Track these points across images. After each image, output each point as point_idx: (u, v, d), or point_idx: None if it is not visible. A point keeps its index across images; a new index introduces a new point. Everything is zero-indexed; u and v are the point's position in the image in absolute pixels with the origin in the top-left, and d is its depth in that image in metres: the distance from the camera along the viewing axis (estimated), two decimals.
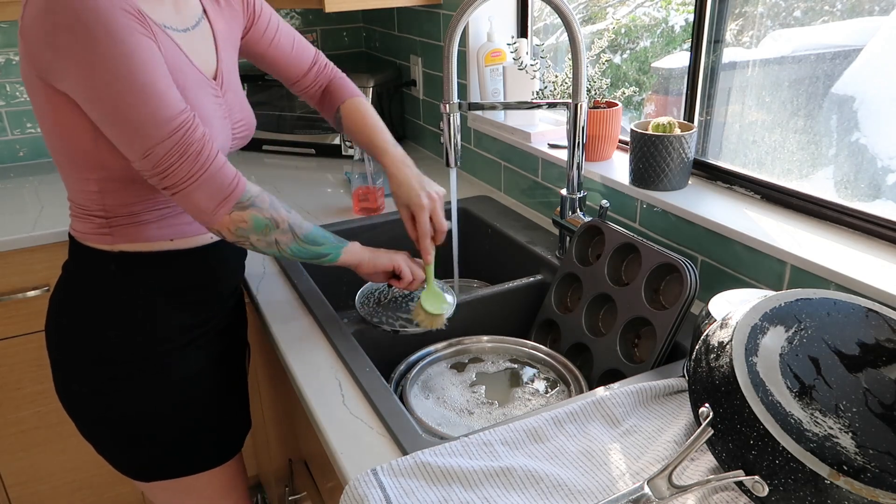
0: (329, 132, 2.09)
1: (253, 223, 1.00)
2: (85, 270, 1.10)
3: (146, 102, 0.90)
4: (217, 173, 0.96)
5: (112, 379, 1.10)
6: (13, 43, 2.00)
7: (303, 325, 1.20)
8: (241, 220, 0.99)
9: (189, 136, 0.93)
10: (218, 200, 0.96)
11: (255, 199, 1.00)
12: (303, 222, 1.07)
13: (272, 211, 1.02)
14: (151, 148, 0.91)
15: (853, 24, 1.12)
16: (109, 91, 0.89)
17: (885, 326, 0.82)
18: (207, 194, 0.95)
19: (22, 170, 2.04)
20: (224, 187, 0.97)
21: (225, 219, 0.98)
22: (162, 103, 0.91)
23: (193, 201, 0.96)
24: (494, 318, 1.32)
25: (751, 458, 0.72)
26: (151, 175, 0.94)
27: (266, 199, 1.02)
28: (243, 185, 0.99)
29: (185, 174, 0.93)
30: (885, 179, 1.10)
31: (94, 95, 0.90)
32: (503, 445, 0.87)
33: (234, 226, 0.99)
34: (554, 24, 1.77)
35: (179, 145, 0.92)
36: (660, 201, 1.27)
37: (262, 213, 1.00)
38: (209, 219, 0.98)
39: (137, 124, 0.90)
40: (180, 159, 0.92)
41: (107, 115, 0.91)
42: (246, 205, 0.98)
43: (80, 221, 1.07)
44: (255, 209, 0.99)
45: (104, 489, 1.89)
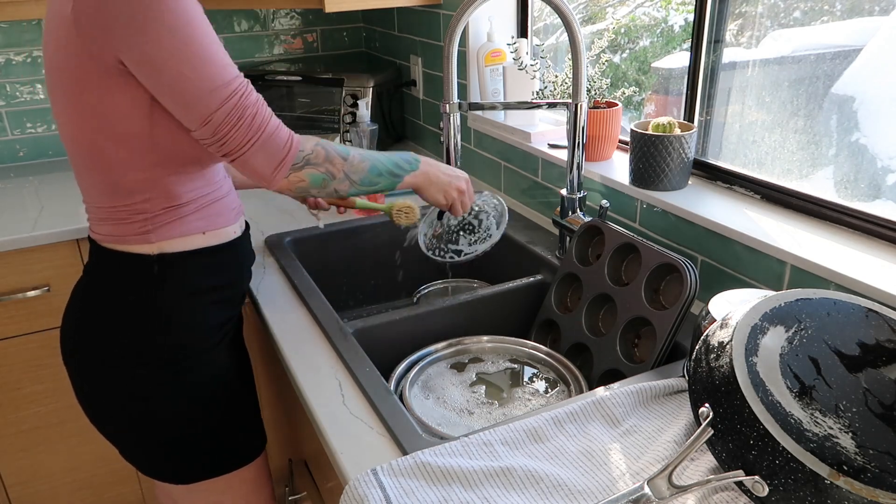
0: (329, 132, 2.09)
1: (311, 181, 1.03)
2: (121, 275, 1.09)
3: (205, 68, 0.92)
4: (272, 136, 0.98)
5: (150, 382, 1.10)
6: (13, 43, 2.00)
7: (303, 324, 1.20)
8: (300, 180, 1.02)
9: (244, 100, 0.96)
10: (275, 164, 0.99)
11: (309, 157, 1.02)
12: (359, 164, 1.08)
13: (327, 164, 1.04)
14: (211, 114, 0.94)
15: (853, 24, 1.12)
16: (173, 58, 0.91)
17: (885, 326, 0.82)
18: (265, 158, 0.98)
19: (22, 170, 2.04)
20: (279, 150, 0.99)
21: (283, 182, 1.01)
22: (219, 68, 0.94)
23: (252, 166, 0.98)
24: (494, 318, 1.32)
25: (751, 458, 0.72)
26: (211, 142, 0.97)
27: (321, 153, 1.04)
28: (297, 145, 1.01)
29: (243, 139, 0.96)
30: (885, 179, 1.10)
31: (156, 63, 0.91)
32: (503, 445, 0.87)
33: (294, 186, 1.03)
34: (554, 24, 1.77)
35: (236, 110, 0.95)
36: (660, 201, 1.27)
37: (318, 169, 1.03)
38: (269, 182, 1.01)
39: (199, 91, 0.93)
40: (238, 124, 0.95)
41: (169, 84, 0.92)
42: (301, 165, 1.01)
43: (114, 225, 1.06)
44: (310, 167, 1.02)
45: (104, 489, 1.89)
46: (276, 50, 2.35)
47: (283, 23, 2.33)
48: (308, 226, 1.59)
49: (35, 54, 2.03)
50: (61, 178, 1.97)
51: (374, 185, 1.11)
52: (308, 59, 2.38)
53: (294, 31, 2.35)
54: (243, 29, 2.28)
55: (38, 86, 2.06)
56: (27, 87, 2.05)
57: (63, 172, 2.01)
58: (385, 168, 1.11)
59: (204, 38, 0.93)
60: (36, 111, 2.08)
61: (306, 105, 2.11)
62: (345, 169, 1.06)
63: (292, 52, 2.38)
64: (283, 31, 2.34)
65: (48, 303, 1.66)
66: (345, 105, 2.05)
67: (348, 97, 2.04)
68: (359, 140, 1.75)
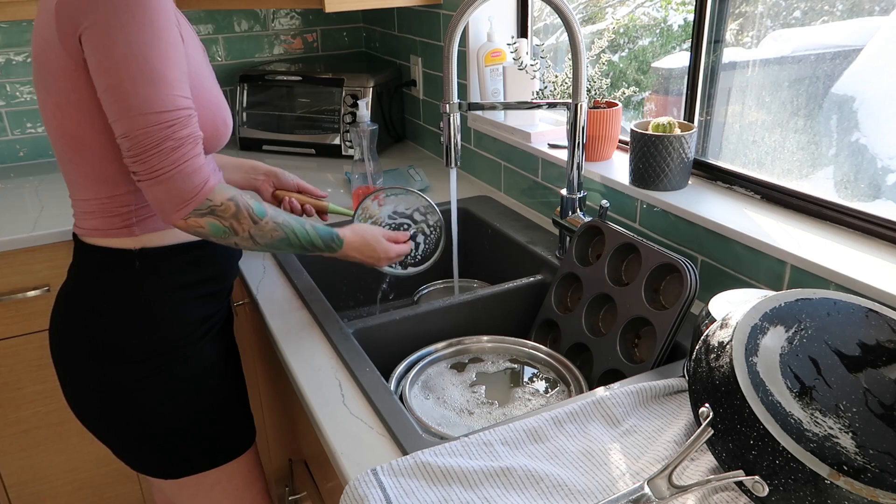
0: (329, 132, 2.09)
1: (210, 230, 1.01)
2: (104, 270, 1.09)
3: (147, 89, 0.92)
4: (184, 177, 0.96)
5: (134, 376, 1.10)
6: (13, 43, 2.00)
7: (303, 324, 1.20)
8: (199, 226, 1.00)
9: (171, 131, 0.94)
10: (176, 204, 0.97)
11: (216, 208, 0.99)
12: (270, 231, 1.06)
13: (233, 220, 1.01)
14: (133, 131, 0.92)
15: (853, 24, 1.12)
16: (120, 67, 0.91)
17: (886, 327, 0.82)
18: (168, 194, 0.96)
19: (22, 170, 2.04)
20: (185, 192, 0.96)
21: (180, 222, 0.99)
22: (161, 93, 0.92)
23: (155, 195, 0.96)
24: (494, 318, 1.32)
25: (751, 458, 0.72)
26: (126, 157, 0.95)
27: (231, 209, 1.01)
28: (206, 193, 0.98)
29: (154, 167, 0.94)
30: (885, 179, 1.10)
31: (105, 66, 0.91)
32: (503, 445, 0.87)
33: (192, 229, 1.00)
34: (554, 24, 1.77)
35: (158, 138, 0.93)
36: (660, 201, 1.27)
37: (222, 222, 1.01)
38: (165, 217, 0.99)
39: (130, 105, 0.92)
40: (153, 150, 0.93)
41: (108, 87, 0.92)
42: (204, 212, 0.99)
43: (98, 219, 1.07)
44: (213, 217, 1.00)
45: (104, 489, 1.89)
46: (276, 50, 2.35)
47: (283, 23, 2.33)
48: None
49: None
50: (61, 178, 1.96)
51: (280, 250, 1.11)
52: (308, 59, 2.38)
53: (294, 31, 2.35)
54: (243, 29, 2.28)
55: None
56: (27, 87, 2.05)
57: None
58: (297, 242, 1.10)
59: (159, 61, 0.92)
60: (36, 111, 2.08)
61: (306, 105, 2.11)
62: (251, 230, 1.04)
63: (292, 52, 2.38)
64: (283, 31, 2.34)
65: (48, 303, 1.66)
66: (345, 105, 2.05)
67: (348, 97, 2.04)
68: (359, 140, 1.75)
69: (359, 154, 1.71)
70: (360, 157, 1.69)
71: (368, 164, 1.65)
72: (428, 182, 1.84)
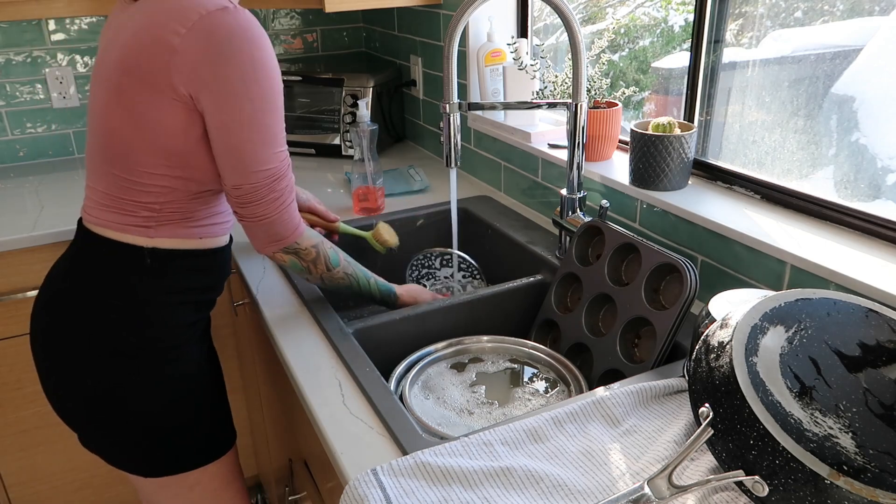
0: (329, 132, 2.09)
1: (290, 265, 1.17)
2: (110, 262, 1.10)
3: (263, 148, 1.03)
4: (281, 222, 1.10)
5: (121, 373, 1.11)
6: (13, 43, 2.00)
7: (303, 324, 1.20)
8: (282, 259, 1.15)
9: (275, 183, 1.06)
10: (270, 241, 1.12)
11: (300, 251, 1.14)
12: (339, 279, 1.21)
13: (311, 264, 1.17)
14: (244, 184, 1.04)
15: (853, 24, 1.12)
16: (244, 130, 1.01)
17: (885, 327, 0.82)
18: (265, 233, 1.10)
19: (22, 170, 2.04)
20: (279, 234, 1.11)
21: (269, 253, 1.14)
22: (271, 153, 1.04)
23: (254, 232, 1.11)
24: (494, 318, 1.32)
25: (751, 458, 0.72)
26: (232, 200, 1.08)
27: (312, 254, 1.16)
28: (295, 237, 1.13)
29: (257, 212, 1.07)
30: (885, 179, 1.10)
31: (229, 125, 1.00)
32: (503, 445, 0.87)
33: (275, 258, 1.15)
34: (554, 24, 1.77)
35: (265, 189, 1.05)
36: (660, 201, 1.27)
37: (302, 262, 1.16)
38: (258, 247, 1.13)
39: (247, 162, 1.03)
40: (260, 201, 1.06)
41: (228, 145, 1.02)
42: (290, 251, 1.14)
43: (118, 213, 1.08)
44: (297, 257, 1.15)
45: (104, 489, 1.89)
46: (276, 50, 2.35)
47: (283, 23, 2.33)
48: None
49: (35, 54, 2.03)
50: (61, 178, 1.97)
51: (342, 293, 1.25)
52: (308, 59, 2.38)
53: (294, 31, 2.35)
54: None
55: (38, 86, 2.06)
56: (27, 87, 2.05)
57: (63, 172, 2.01)
58: (358, 292, 1.25)
59: (274, 125, 1.03)
60: (36, 111, 2.08)
61: (306, 105, 2.11)
62: (323, 275, 1.19)
63: (292, 51, 2.38)
64: (283, 31, 2.34)
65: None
66: (345, 105, 2.05)
67: (348, 97, 2.04)
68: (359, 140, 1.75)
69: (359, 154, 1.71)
70: (360, 157, 1.69)
71: (368, 164, 1.65)
72: (428, 182, 1.84)
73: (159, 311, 1.11)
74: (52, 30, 2.03)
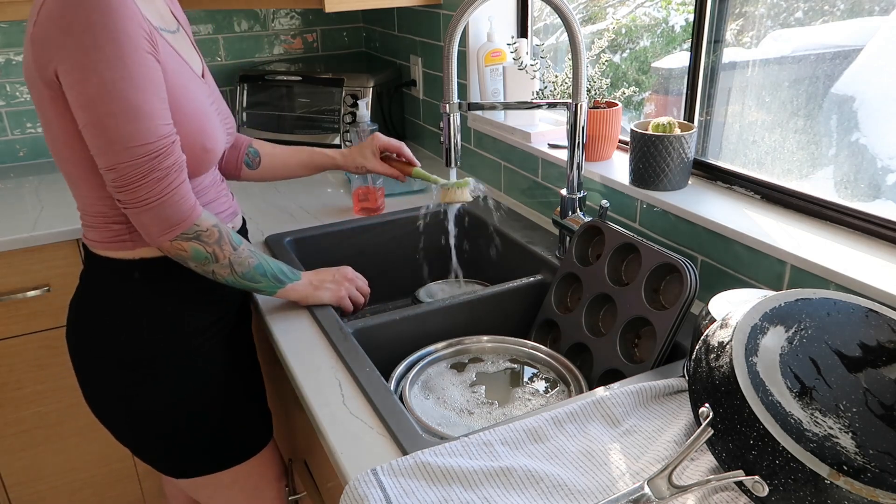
0: (329, 132, 2.09)
1: (192, 254, 1.04)
2: (105, 280, 1.11)
3: (128, 123, 0.93)
4: (172, 204, 0.99)
5: (139, 382, 1.12)
6: (13, 43, 2.00)
7: (303, 324, 1.20)
8: (182, 249, 1.03)
9: (157, 161, 0.96)
10: (163, 229, 1.00)
11: (201, 233, 1.04)
12: (246, 259, 1.10)
13: (216, 246, 1.05)
14: (118, 164, 0.95)
15: (853, 24, 1.12)
16: (97, 104, 0.92)
17: (886, 327, 0.82)
18: (156, 220, 0.99)
19: (22, 170, 2.04)
20: (173, 217, 1.00)
21: (165, 244, 1.02)
22: (142, 126, 0.94)
23: (141, 221, 1.00)
24: (494, 318, 1.32)
25: (751, 458, 0.72)
26: (111, 187, 0.98)
27: (214, 235, 1.05)
28: (193, 219, 1.02)
29: (142, 196, 0.97)
30: (885, 179, 1.10)
31: (81, 102, 0.92)
32: (503, 445, 0.87)
33: (174, 251, 1.04)
34: (554, 24, 1.77)
35: (145, 168, 0.95)
36: (660, 201, 1.27)
37: (205, 248, 1.05)
38: (152, 240, 1.02)
39: (112, 139, 0.93)
40: (140, 181, 0.96)
41: (88, 123, 0.93)
42: (190, 236, 1.03)
43: (96, 231, 1.08)
44: (198, 242, 1.04)
45: (104, 489, 1.89)
46: (276, 50, 2.35)
47: (283, 23, 2.33)
48: (308, 225, 1.59)
49: None
50: (61, 178, 1.96)
51: (256, 282, 1.13)
52: (308, 59, 2.38)
53: (294, 31, 2.35)
54: (243, 29, 2.28)
55: None
56: (27, 87, 2.05)
57: None
58: (270, 271, 1.14)
59: (136, 95, 0.93)
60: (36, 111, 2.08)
61: (306, 105, 2.11)
62: (231, 256, 1.07)
63: (292, 52, 2.38)
64: (283, 31, 2.34)
65: (48, 303, 1.66)
66: (345, 105, 2.05)
67: (348, 97, 2.04)
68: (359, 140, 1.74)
69: None
70: None
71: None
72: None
73: (168, 319, 1.12)
74: None
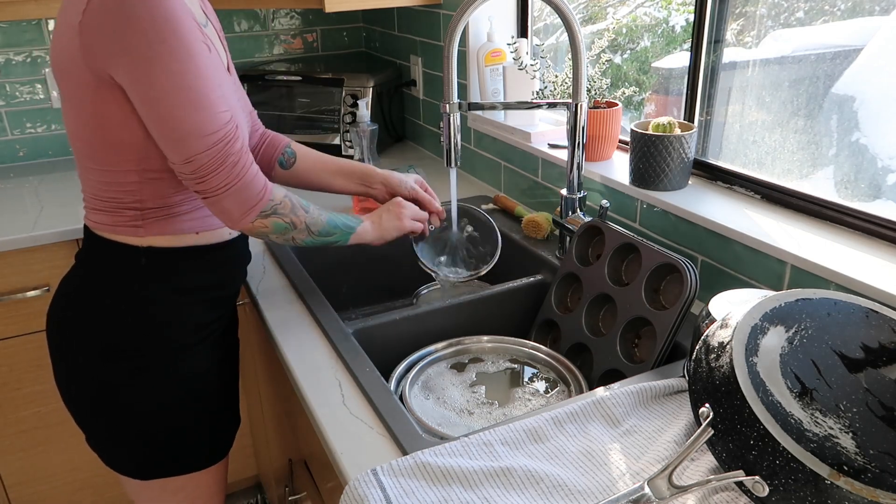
0: (329, 132, 2.09)
1: (273, 227, 1.08)
2: (109, 263, 1.10)
3: (197, 114, 0.94)
4: (248, 184, 1.02)
5: (124, 373, 1.10)
6: (13, 43, 2.00)
7: (303, 325, 1.20)
8: (264, 226, 1.07)
9: (229, 147, 0.98)
10: (245, 209, 1.03)
11: (277, 206, 1.07)
12: (318, 217, 1.13)
13: (292, 215, 1.09)
14: (194, 156, 0.96)
15: (853, 24, 1.12)
16: (167, 97, 0.93)
17: (886, 327, 0.82)
18: (236, 203, 1.02)
19: (22, 170, 2.04)
20: (252, 198, 1.03)
21: (248, 225, 1.05)
22: (210, 115, 0.96)
23: (223, 207, 1.02)
24: (494, 318, 1.32)
25: (751, 458, 0.72)
26: (189, 179, 0.99)
27: (288, 205, 1.08)
28: (269, 195, 1.05)
29: (220, 183, 0.99)
30: (885, 179, 1.10)
31: (150, 97, 0.93)
32: (503, 445, 0.87)
33: (257, 230, 1.07)
34: (554, 24, 1.77)
35: (220, 156, 0.98)
36: (660, 201, 1.27)
37: (283, 219, 1.08)
38: (234, 224, 1.05)
39: (185, 132, 0.95)
40: (218, 169, 0.98)
41: (158, 119, 0.95)
42: (269, 212, 1.06)
43: (107, 214, 1.07)
44: (276, 216, 1.07)
45: (104, 489, 1.89)
46: (276, 50, 2.35)
47: (283, 23, 2.33)
48: None
49: (35, 54, 2.03)
50: (61, 178, 1.97)
51: (331, 236, 1.16)
52: (308, 59, 2.38)
53: (294, 31, 2.35)
54: (243, 29, 2.28)
55: (38, 86, 2.06)
56: (27, 87, 2.05)
57: (63, 172, 2.01)
58: (341, 222, 1.17)
59: (201, 84, 0.94)
60: (36, 111, 2.08)
61: (306, 105, 2.11)
62: (306, 220, 1.11)
63: (292, 52, 2.38)
64: (283, 31, 2.34)
65: (48, 303, 1.66)
66: (345, 105, 2.04)
67: (348, 97, 2.04)
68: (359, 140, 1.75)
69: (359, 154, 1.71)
70: (360, 157, 1.69)
71: (368, 164, 1.65)
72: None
73: (161, 312, 1.10)
74: (52, 30, 2.03)
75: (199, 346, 1.15)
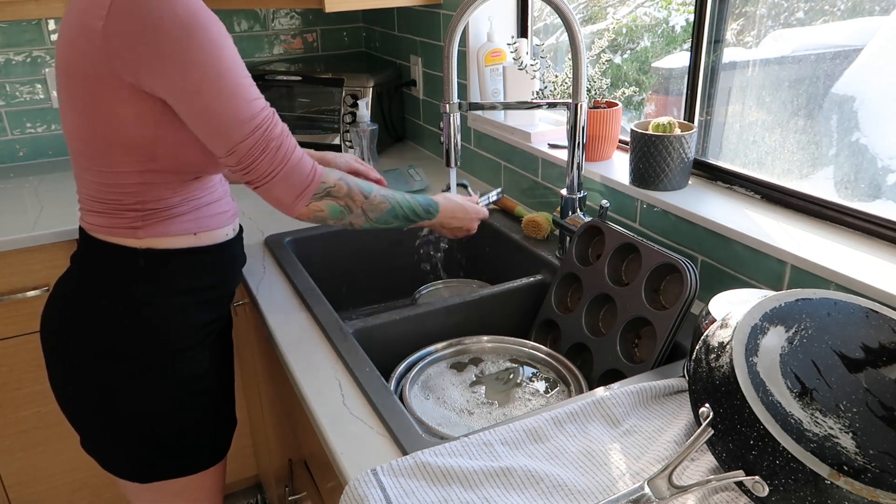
0: (329, 132, 2.09)
1: (329, 212, 1.08)
2: (106, 265, 1.09)
3: (232, 102, 0.96)
4: (295, 168, 1.02)
5: (122, 375, 1.10)
6: (13, 43, 2.00)
7: (303, 324, 1.20)
8: (319, 210, 1.07)
9: (269, 132, 0.99)
10: (296, 194, 1.04)
11: (331, 189, 1.07)
12: (379, 203, 1.13)
13: (347, 199, 1.09)
14: (236, 145, 0.97)
15: (853, 24, 1.12)
16: (202, 90, 0.94)
17: (886, 327, 0.82)
18: (286, 188, 1.03)
19: (22, 170, 2.04)
20: (301, 181, 1.03)
21: (303, 210, 1.06)
22: (246, 102, 0.97)
23: (274, 194, 1.03)
24: (494, 318, 1.32)
25: (751, 458, 0.72)
26: (236, 170, 1.00)
27: (343, 188, 1.09)
28: (319, 177, 1.06)
29: (266, 169, 1.00)
30: (885, 179, 1.10)
31: (187, 94, 0.94)
32: (503, 445, 0.87)
33: (313, 214, 1.07)
34: (554, 24, 1.77)
35: (262, 141, 0.98)
36: (660, 201, 1.27)
37: (338, 202, 1.09)
38: (289, 209, 1.05)
39: (225, 124, 0.96)
40: (262, 155, 0.99)
41: (197, 114, 0.96)
42: (322, 195, 1.06)
43: (104, 216, 1.07)
44: (330, 198, 1.08)
45: (104, 489, 1.89)
46: (276, 50, 2.35)
47: (283, 23, 2.33)
48: (308, 226, 1.59)
49: (35, 54, 2.03)
50: (61, 178, 1.97)
51: (389, 224, 1.17)
52: (308, 59, 2.38)
53: (294, 31, 2.35)
54: (243, 29, 2.28)
55: (38, 86, 2.06)
56: (27, 87, 2.05)
57: (63, 172, 2.01)
58: (402, 213, 1.17)
59: (232, 74, 0.96)
60: (36, 111, 2.08)
61: (306, 105, 2.11)
62: (363, 206, 1.11)
63: (292, 52, 2.38)
64: (283, 31, 2.34)
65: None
66: (345, 105, 2.05)
67: (348, 97, 2.04)
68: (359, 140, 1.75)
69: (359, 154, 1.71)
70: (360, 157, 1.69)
71: (368, 163, 1.65)
72: (428, 182, 1.84)
73: (164, 314, 1.10)
74: (52, 30, 2.03)
75: (198, 348, 1.15)
